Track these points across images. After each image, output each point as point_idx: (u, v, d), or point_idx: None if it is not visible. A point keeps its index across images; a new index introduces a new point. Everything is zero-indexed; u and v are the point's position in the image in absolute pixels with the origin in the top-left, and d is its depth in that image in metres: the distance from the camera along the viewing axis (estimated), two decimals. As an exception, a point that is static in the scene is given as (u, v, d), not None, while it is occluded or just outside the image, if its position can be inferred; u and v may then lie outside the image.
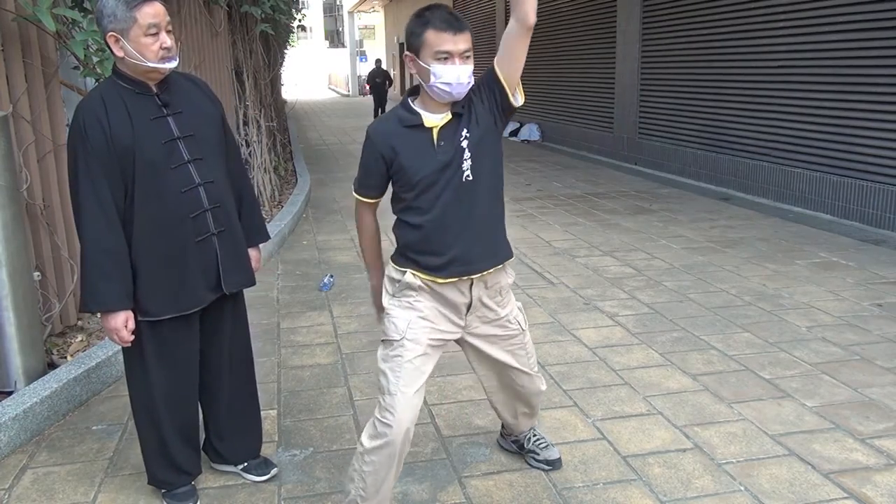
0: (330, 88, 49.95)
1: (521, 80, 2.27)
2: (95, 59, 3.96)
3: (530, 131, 14.75)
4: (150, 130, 2.32)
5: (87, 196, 2.25)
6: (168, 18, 2.31)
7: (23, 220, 3.43)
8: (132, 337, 2.36)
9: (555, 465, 2.80)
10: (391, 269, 2.37)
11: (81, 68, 4.04)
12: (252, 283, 2.65)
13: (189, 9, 5.64)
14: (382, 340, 2.32)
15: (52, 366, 3.57)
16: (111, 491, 2.74)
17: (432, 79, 2.14)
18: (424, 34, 2.13)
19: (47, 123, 3.84)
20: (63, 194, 3.97)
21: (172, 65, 2.32)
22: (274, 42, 11.20)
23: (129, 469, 2.88)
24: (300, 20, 15.40)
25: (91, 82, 4.35)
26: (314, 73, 53.72)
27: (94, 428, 3.22)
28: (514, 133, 14.96)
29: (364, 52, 44.70)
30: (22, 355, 3.34)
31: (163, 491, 2.65)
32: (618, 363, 3.81)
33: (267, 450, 2.95)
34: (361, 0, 34.40)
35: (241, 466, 2.79)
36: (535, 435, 2.84)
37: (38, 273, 3.62)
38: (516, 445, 2.88)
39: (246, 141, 7.75)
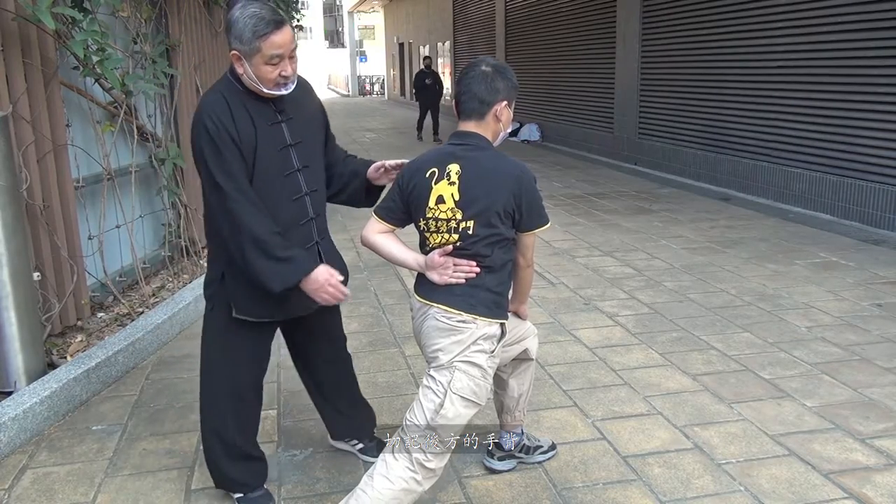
0: (329, 88, 50.01)
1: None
2: (95, 59, 3.96)
3: (530, 131, 14.75)
4: (269, 136, 2.31)
5: (230, 189, 2.21)
6: (294, 45, 2.27)
7: (23, 220, 3.43)
8: (345, 288, 2.33)
9: (553, 447, 2.91)
10: (484, 326, 2.24)
11: (81, 68, 4.04)
12: None
13: (189, 9, 5.63)
14: (468, 399, 2.21)
15: (52, 366, 3.57)
16: (111, 491, 2.74)
17: (506, 127, 2.34)
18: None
19: (47, 123, 3.84)
20: (63, 194, 3.96)
21: (287, 91, 2.30)
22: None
23: (129, 469, 2.88)
24: (299, 20, 15.39)
25: (91, 82, 4.35)
26: (314, 73, 53.74)
27: (94, 428, 3.22)
28: (514, 133, 14.90)
29: (364, 52, 44.66)
30: (22, 355, 3.34)
31: (237, 496, 2.59)
32: (618, 363, 3.81)
33: (267, 450, 2.94)
34: (361, 0, 34.42)
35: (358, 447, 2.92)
36: (528, 438, 2.86)
37: (38, 273, 3.62)
38: (516, 450, 2.86)
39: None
